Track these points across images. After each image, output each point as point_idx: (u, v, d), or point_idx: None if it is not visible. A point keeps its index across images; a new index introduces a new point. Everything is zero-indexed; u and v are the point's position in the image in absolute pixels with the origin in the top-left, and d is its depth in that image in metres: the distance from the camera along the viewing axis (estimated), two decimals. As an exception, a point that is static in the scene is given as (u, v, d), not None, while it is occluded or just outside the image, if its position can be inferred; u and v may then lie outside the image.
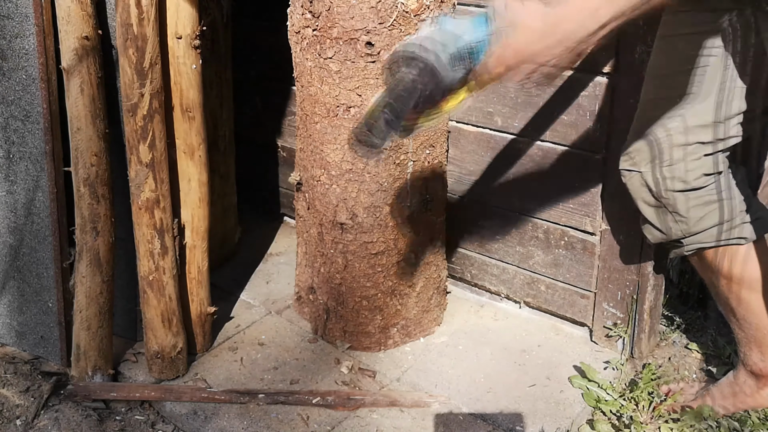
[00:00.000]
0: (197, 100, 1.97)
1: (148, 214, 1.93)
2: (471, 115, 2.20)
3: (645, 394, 1.92)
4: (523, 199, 2.20)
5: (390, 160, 2.00)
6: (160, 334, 2.01)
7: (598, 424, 1.86)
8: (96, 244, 1.94)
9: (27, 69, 1.94)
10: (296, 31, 2.00)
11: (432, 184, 2.11)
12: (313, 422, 1.91)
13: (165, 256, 1.97)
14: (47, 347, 2.14)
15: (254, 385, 2.05)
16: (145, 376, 2.08)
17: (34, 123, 1.97)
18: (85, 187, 1.90)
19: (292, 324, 2.32)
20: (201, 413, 1.94)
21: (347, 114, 1.95)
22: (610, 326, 2.13)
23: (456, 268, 2.43)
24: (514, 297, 2.34)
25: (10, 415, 1.98)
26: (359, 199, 2.03)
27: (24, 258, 2.11)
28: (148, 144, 1.87)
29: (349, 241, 2.07)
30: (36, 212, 2.04)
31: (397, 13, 1.86)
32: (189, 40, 1.90)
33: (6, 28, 1.95)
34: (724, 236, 1.68)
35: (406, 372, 2.10)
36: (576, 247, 2.14)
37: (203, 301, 2.13)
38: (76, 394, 2.00)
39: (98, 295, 1.97)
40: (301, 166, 2.17)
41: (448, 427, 1.89)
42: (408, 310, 2.18)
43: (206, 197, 2.06)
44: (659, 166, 1.66)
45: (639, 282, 2.06)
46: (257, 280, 2.57)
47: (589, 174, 2.05)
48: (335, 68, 1.92)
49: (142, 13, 1.78)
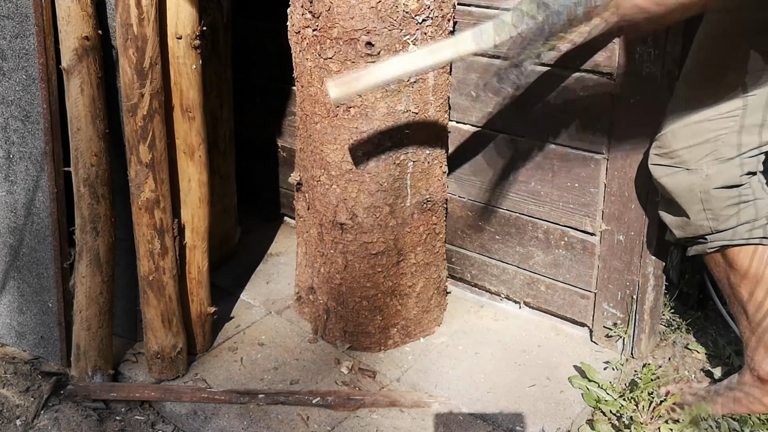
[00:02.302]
0: (197, 100, 1.97)
1: (148, 214, 1.93)
2: (471, 115, 2.20)
3: (645, 395, 1.92)
4: (523, 199, 2.20)
5: (390, 160, 2.00)
6: (160, 334, 2.01)
7: (598, 424, 1.86)
8: (96, 244, 1.94)
9: (27, 69, 1.94)
10: (296, 31, 2.00)
11: (432, 184, 2.11)
12: (313, 422, 1.91)
13: (165, 257, 1.97)
14: (47, 347, 2.14)
15: (254, 385, 2.05)
16: (145, 376, 2.08)
17: (34, 123, 1.97)
18: (85, 187, 1.90)
19: (292, 324, 2.32)
20: (201, 413, 1.94)
21: (347, 114, 1.95)
22: (610, 326, 2.13)
23: (456, 268, 2.43)
24: (514, 297, 2.34)
25: (10, 415, 1.98)
26: (359, 199, 2.03)
27: (24, 258, 2.11)
28: (148, 144, 1.87)
29: (349, 242, 2.07)
30: (36, 212, 2.04)
31: (397, 13, 1.86)
32: (189, 40, 1.90)
33: (6, 28, 1.95)
34: (747, 235, 1.70)
35: (406, 372, 2.10)
36: (576, 247, 2.14)
37: (203, 301, 2.13)
38: (76, 394, 2.00)
39: (98, 295, 1.97)
40: (301, 166, 2.17)
41: (448, 427, 1.89)
42: (408, 310, 2.18)
43: (206, 197, 2.06)
44: (708, 164, 1.67)
45: (639, 282, 2.06)
46: (257, 280, 2.57)
47: (589, 174, 2.05)
48: (335, 68, 1.92)
49: (142, 13, 1.78)
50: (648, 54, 1.84)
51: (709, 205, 1.70)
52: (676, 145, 1.71)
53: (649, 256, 2.03)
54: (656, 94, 1.86)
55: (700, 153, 1.68)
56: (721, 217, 1.70)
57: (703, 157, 1.68)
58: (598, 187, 2.05)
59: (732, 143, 1.66)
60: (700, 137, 1.67)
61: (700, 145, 1.68)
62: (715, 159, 1.67)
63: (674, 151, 1.71)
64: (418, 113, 1.99)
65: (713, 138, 1.66)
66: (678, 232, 1.79)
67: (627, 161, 1.97)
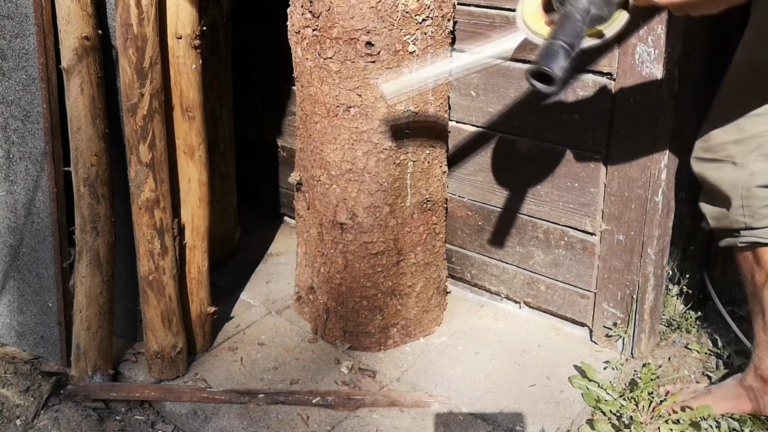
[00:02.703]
0: (197, 100, 1.97)
1: (148, 214, 1.93)
2: (471, 115, 2.20)
3: (645, 394, 1.92)
4: (523, 199, 2.20)
5: (390, 160, 2.00)
6: (160, 334, 2.01)
7: (598, 424, 1.86)
8: (96, 244, 1.94)
9: (27, 69, 1.94)
10: (296, 31, 2.00)
11: (432, 184, 2.11)
12: (313, 422, 1.91)
13: (165, 256, 1.97)
14: (47, 347, 2.14)
15: (254, 385, 2.05)
16: (145, 376, 2.08)
17: (34, 123, 1.97)
18: (85, 187, 1.90)
19: (292, 324, 2.32)
20: (201, 413, 1.94)
21: (347, 114, 1.95)
22: (610, 326, 2.13)
23: (456, 268, 2.43)
24: (514, 297, 2.34)
25: (10, 415, 1.98)
26: (359, 199, 2.03)
27: (24, 258, 2.11)
28: (148, 144, 1.87)
29: (349, 241, 2.07)
30: (36, 212, 2.04)
31: (397, 12, 1.86)
32: (189, 40, 1.90)
33: (6, 28, 1.95)
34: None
35: (406, 372, 2.10)
36: (576, 247, 2.14)
37: (203, 301, 2.13)
38: (76, 394, 2.00)
39: (98, 295, 1.97)
40: (301, 166, 2.17)
41: (448, 427, 1.89)
42: (408, 310, 2.18)
43: (206, 197, 2.06)
44: (755, 160, 1.69)
45: (639, 282, 2.06)
46: (257, 280, 2.57)
47: (589, 174, 2.05)
48: (335, 68, 1.92)
49: (142, 13, 1.78)
50: (648, 54, 1.84)
51: (749, 202, 1.71)
52: (724, 139, 1.72)
53: (649, 256, 2.03)
54: (656, 94, 1.86)
55: (747, 148, 1.70)
56: (757, 215, 1.72)
57: (751, 152, 1.69)
58: (598, 187, 2.05)
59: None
60: (748, 132, 1.69)
61: (747, 140, 1.69)
62: (762, 155, 1.68)
63: (721, 144, 1.73)
64: (418, 113, 1.99)
65: (760, 133, 1.67)
66: (714, 222, 1.82)
67: (627, 161, 1.97)
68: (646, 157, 1.93)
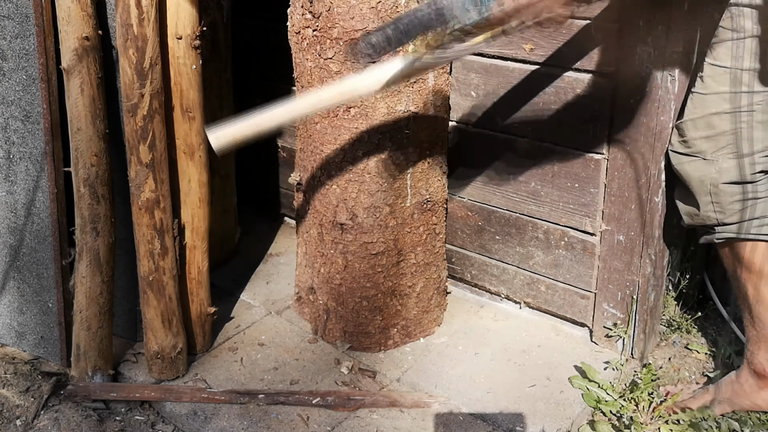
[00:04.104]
0: (197, 100, 1.97)
1: (148, 214, 1.93)
2: (471, 115, 2.20)
3: (645, 395, 1.92)
4: (523, 199, 2.20)
5: (390, 160, 2.00)
6: (160, 334, 2.01)
7: (599, 424, 1.86)
8: (96, 244, 1.94)
9: (27, 69, 1.94)
10: (296, 32, 2.00)
11: (432, 184, 2.11)
12: (313, 422, 1.91)
13: (165, 257, 1.97)
14: (47, 347, 2.14)
15: (254, 385, 2.05)
16: (145, 376, 2.08)
17: (34, 123, 1.97)
18: (85, 187, 1.90)
19: (292, 324, 2.32)
20: (201, 413, 1.94)
21: (347, 114, 1.95)
22: (610, 326, 2.13)
23: (456, 268, 2.43)
24: (514, 297, 2.34)
25: (10, 415, 1.98)
26: (359, 199, 2.03)
27: (24, 258, 2.11)
28: (148, 144, 1.87)
29: (349, 242, 2.07)
30: (36, 212, 2.04)
31: (397, 13, 1.85)
32: (189, 40, 1.90)
33: (6, 28, 1.95)
34: (755, 231, 1.74)
35: (406, 372, 2.10)
36: (576, 247, 2.14)
37: (203, 301, 2.13)
38: (76, 394, 2.00)
39: (98, 296, 1.97)
40: (301, 166, 2.17)
41: (448, 427, 1.89)
42: (408, 310, 2.18)
43: (206, 197, 2.06)
44: (724, 157, 1.71)
45: (639, 282, 2.06)
46: (257, 280, 2.57)
47: (589, 174, 2.05)
48: (335, 68, 1.92)
49: (142, 14, 1.78)
50: (648, 54, 1.84)
51: (717, 198, 1.74)
52: (695, 135, 1.75)
53: (649, 256, 2.03)
54: (656, 94, 1.86)
55: (717, 144, 1.72)
56: (728, 211, 1.75)
57: (721, 149, 1.71)
58: (598, 187, 2.05)
59: (748, 139, 1.69)
60: (716, 129, 1.71)
61: (717, 137, 1.71)
62: (732, 153, 1.70)
63: (692, 140, 1.75)
64: (418, 113, 1.99)
65: (730, 131, 1.69)
66: (687, 219, 1.85)
67: (627, 161, 1.97)
68: (646, 158, 1.93)
